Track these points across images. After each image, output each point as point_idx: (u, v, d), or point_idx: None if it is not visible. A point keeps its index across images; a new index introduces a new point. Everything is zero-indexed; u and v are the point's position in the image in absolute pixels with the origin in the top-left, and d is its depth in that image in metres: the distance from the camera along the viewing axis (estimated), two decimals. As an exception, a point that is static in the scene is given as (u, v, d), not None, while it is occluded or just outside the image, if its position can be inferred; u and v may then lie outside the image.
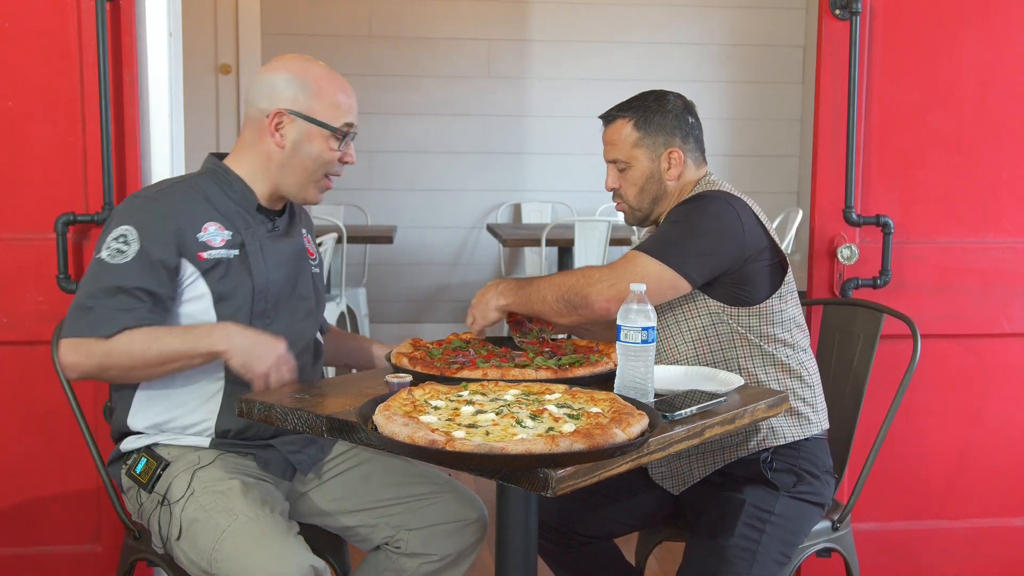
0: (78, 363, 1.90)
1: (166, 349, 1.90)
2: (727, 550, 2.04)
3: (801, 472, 2.14)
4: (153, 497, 2.00)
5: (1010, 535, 2.96)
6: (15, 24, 2.49)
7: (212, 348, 1.91)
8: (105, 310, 1.90)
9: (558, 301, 2.05)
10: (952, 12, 2.76)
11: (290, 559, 1.82)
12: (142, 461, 2.03)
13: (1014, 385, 2.91)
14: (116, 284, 1.91)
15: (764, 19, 6.15)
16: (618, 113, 2.25)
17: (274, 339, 1.95)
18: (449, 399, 1.73)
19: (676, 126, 2.23)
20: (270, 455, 2.07)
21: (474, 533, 2.15)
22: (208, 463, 1.99)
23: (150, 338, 1.90)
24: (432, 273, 6.23)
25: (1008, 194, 2.83)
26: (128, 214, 1.98)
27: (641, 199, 2.24)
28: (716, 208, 2.11)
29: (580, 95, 6.14)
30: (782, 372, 2.15)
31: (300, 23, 5.92)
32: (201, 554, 1.88)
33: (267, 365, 1.91)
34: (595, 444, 1.48)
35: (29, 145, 2.52)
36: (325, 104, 2.05)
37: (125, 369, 1.91)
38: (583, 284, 2.03)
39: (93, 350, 1.89)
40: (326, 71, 2.08)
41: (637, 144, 2.21)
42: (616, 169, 2.25)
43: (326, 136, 2.05)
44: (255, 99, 2.06)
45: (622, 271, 2.04)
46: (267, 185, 2.08)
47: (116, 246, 1.94)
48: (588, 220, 4.92)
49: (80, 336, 1.90)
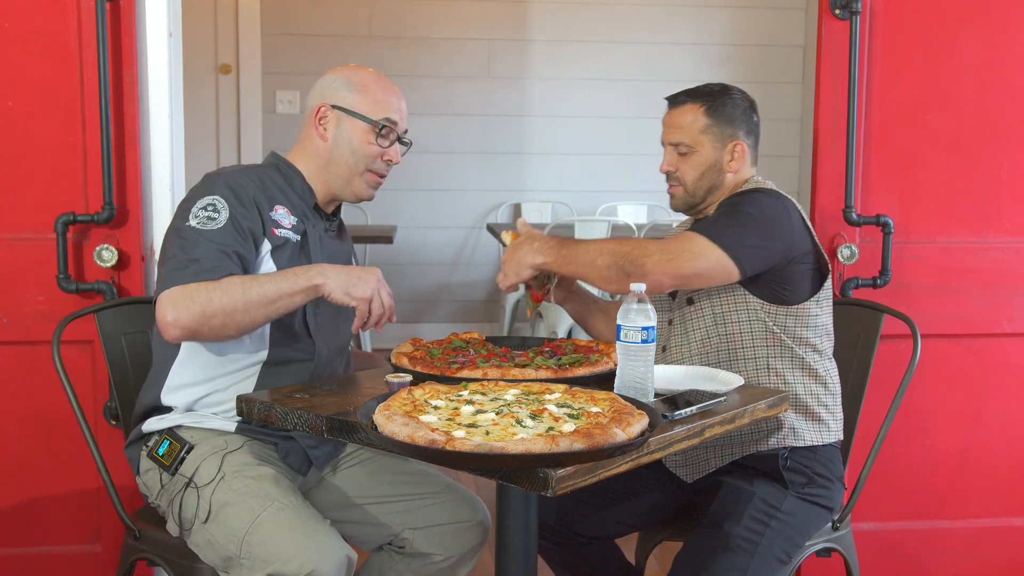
0: (178, 317, 1.88)
1: (267, 288, 1.92)
2: (731, 538, 2.04)
3: (813, 475, 2.16)
4: (177, 479, 2.00)
5: (1010, 535, 2.96)
6: (15, 24, 2.48)
7: (311, 282, 1.94)
8: (207, 260, 1.92)
9: (610, 267, 2.04)
10: (952, 12, 2.76)
11: (328, 547, 1.83)
12: (165, 443, 2.03)
13: (1014, 385, 2.91)
14: (212, 245, 1.94)
15: (764, 19, 6.15)
16: (688, 98, 2.25)
17: (370, 269, 1.99)
18: (449, 399, 1.73)
19: (743, 120, 2.26)
20: (290, 446, 2.08)
21: (477, 535, 2.15)
22: (236, 448, 2.00)
23: (248, 280, 1.93)
24: (432, 273, 6.23)
25: (1008, 194, 2.83)
26: (212, 186, 2.03)
27: (698, 185, 2.25)
28: (770, 204, 2.14)
29: (580, 95, 6.14)
30: (808, 377, 2.17)
31: (300, 23, 5.91)
32: (231, 537, 1.87)
33: (369, 290, 1.95)
34: (595, 444, 1.48)
35: (29, 145, 2.52)
36: (368, 100, 2.13)
37: (227, 313, 1.90)
38: (640, 254, 2.03)
39: (194, 299, 1.88)
40: (376, 75, 2.18)
41: (705, 131, 2.22)
42: (676, 152, 2.25)
43: (365, 129, 2.12)
44: (309, 98, 2.18)
45: (679, 248, 2.05)
46: (321, 184, 2.16)
47: (206, 214, 1.98)
48: (588, 220, 4.92)
49: (184, 283, 1.89)
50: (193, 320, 1.89)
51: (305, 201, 2.15)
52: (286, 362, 2.07)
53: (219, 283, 1.90)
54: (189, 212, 1.99)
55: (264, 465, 1.98)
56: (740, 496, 2.10)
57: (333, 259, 2.15)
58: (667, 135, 2.27)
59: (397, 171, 2.20)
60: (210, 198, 2.00)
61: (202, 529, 1.93)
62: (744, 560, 2.02)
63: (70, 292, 2.52)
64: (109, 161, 2.50)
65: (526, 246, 2.14)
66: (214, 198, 2.00)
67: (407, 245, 6.10)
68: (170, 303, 1.89)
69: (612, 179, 6.23)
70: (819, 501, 2.16)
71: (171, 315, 1.89)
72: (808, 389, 2.17)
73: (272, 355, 2.05)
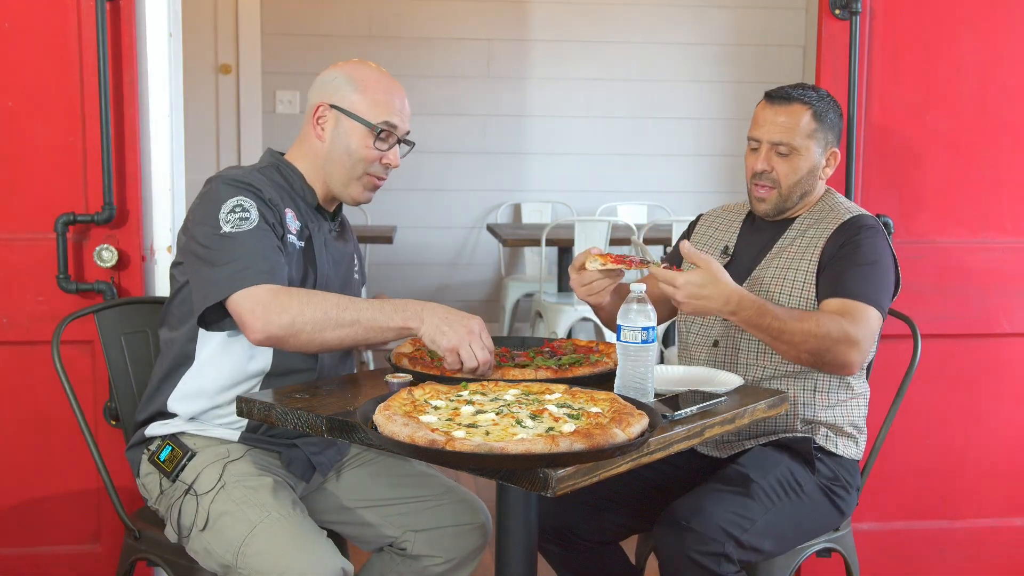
0: (268, 323, 1.83)
1: (364, 314, 1.86)
2: (752, 485, 2.04)
3: (838, 475, 2.19)
4: (177, 486, 1.99)
5: (1010, 535, 2.96)
6: (15, 24, 2.48)
7: (406, 323, 1.87)
8: (265, 261, 1.87)
9: (811, 354, 2.02)
10: (952, 12, 2.76)
11: (323, 560, 1.82)
12: (167, 449, 2.02)
13: (1014, 385, 2.91)
14: (261, 244, 1.89)
15: (764, 19, 6.15)
16: (798, 96, 2.19)
17: (468, 317, 1.88)
18: (449, 399, 1.73)
19: (838, 126, 2.24)
20: (294, 454, 2.07)
21: (478, 538, 2.15)
22: (238, 457, 2.00)
23: (345, 301, 1.87)
24: (432, 273, 6.22)
25: (1008, 194, 2.83)
26: (231, 189, 1.95)
27: (795, 188, 2.21)
28: (883, 243, 2.17)
29: (580, 95, 6.14)
30: (847, 393, 2.22)
31: (300, 23, 5.91)
32: (227, 546, 1.87)
33: (454, 341, 1.84)
34: (595, 444, 1.48)
35: (29, 145, 2.52)
36: (367, 101, 2.06)
37: (315, 329, 1.84)
38: (843, 351, 2.01)
39: (286, 307, 1.83)
40: (378, 72, 2.10)
41: (812, 135, 2.18)
42: (775, 152, 2.19)
43: (363, 132, 2.05)
44: (309, 95, 2.11)
45: (867, 332, 2.06)
46: (320, 184, 2.11)
47: (236, 216, 1.91)
48: (588, 220, 4.92)
49: (257, 284, 1.84)
50: (282, 329, 1.84)
51: (307, 202, 2.10)
52: (288, 372, 2.04)
53: (311, 295, 1.85)
54: (218, 218, 1.91)
55: (265, 475, 1.96)
56: (768, 459, 2.13)
57: (337, 262, 2.12)
58: (768, 132, 2.19)
59: (397, 171, 2.17)
60: (235, 200, 1.93)
61: (200, 537, 1.92)
62: (757, 511, 2.02)
63: (70, 292, 2.52)
64: (109, 161, 2.50)
65: (716, 301, 1.96)
66: (239, 199, 1.93)
67: (407, 245, 6.10)
68: (256, 308, 1.83)
69: (612, 179, 6.23)
70: (836, 501, 2.18)
71: (260, 320, 1.83)
72: (848, 408, 2.22)
73: (275, 365, 2.03)
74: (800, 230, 2.26)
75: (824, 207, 2.28)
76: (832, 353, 2.02)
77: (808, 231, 2.24)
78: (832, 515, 2.19)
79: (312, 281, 2.04)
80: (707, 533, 1.94)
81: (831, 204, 2.28)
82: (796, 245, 2.24)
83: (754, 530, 2.00)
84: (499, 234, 5.29)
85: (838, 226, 2.20)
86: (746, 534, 1.98)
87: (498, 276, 6.22)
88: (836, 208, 2.26)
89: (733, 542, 1.96)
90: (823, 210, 2.27)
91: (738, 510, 1.99)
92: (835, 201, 2.29)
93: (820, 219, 2.25)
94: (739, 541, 1.97)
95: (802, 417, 2.20)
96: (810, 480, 2.14)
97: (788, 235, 2.27)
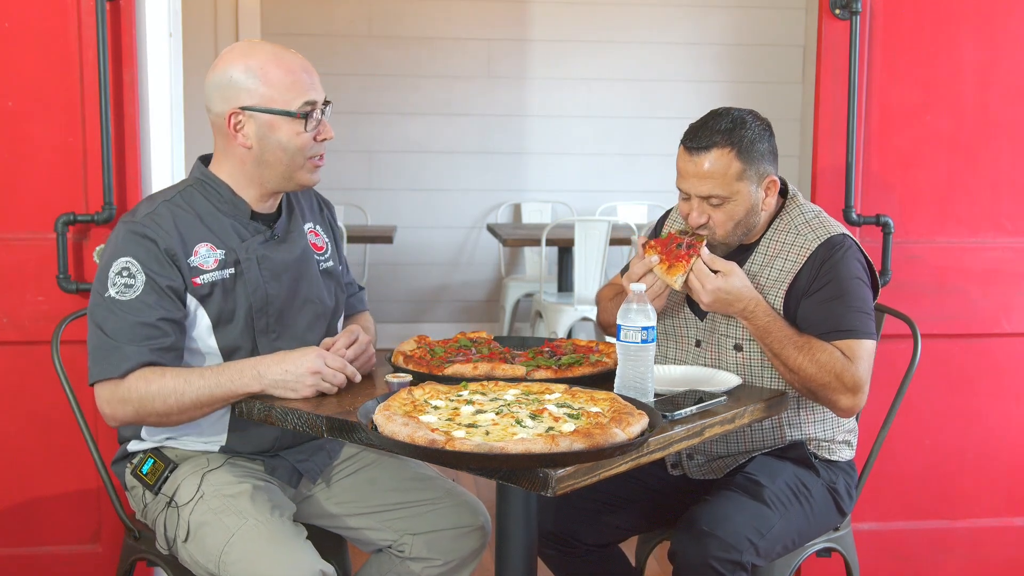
0: (115, 413, 1.90)
1: (202, 394, 1.87)
2: (765, 491, 2.02)
3: (838, 476, 2.19)
4: (160, 499, 2.00)
5: (1010, 535, 2.96)
6: (15, 24, 2.48)
7: (246, 390, 1.88)
8: (130, 343, 1.86)
9: (804, 382, 1.97)
10: (952, 12, 2.76)
11: (300, 563, 1.82)
12: (149, 462, 2.02)
13: (1014, 385, 2.91)
14: (136, 320, 1.87)
15: (764, 19, 6.15)
16: (717, 141, 2.00)
17: (302, 355, 1.88)
18: (449, 399, 1.73)
19: (769, 150, 2.05)
20: (277, 462, 2.07)
21: (477, 540, 2.14)
22: (217, 466, 1.99)
23: (182, 383, 1.87)
24: (432, 273, 6.23)
25: (1008, 194, 2.83)
26: (123, 246, 1.90)
27: (734, 233, 2.06)
28: (854, 261, 2.06)
29: (580, 95, 6.14)
30: None
31: (300, 23, 5.91)
32: (209, 556, 1.88)
33: (307, 389, 1.86)
34: (595, 444, 1.48)
35: (29, 145, 2.52)
36: (277, 89, 1.92)
37: (161, 416, 1.89)
38: (836, 390, 1.96)
39: (128, 398, 1.87)
40: (271, 54, 1.94)
41: (741, 176, 2.00)
42: (707, 203, 2.02)
43: (288, 123, 1.93)
44: (211, 105, 1.96)
45: (865, 370, 1.98)
46: (253, 188, 2.00)
47: (122, 281, 1.88)
48: (588, 220, 4.92)
49: (108, 377, 1.87)
50: (129, 417, 1.90)
51: (236, 218, 1.99)
52: None
53: (151, 383, 1.85)
54: (107, 277, 1.89)
55: (243, 482, 1.96)
56: (774, 465, 2.11)
57: (279, 274, 2.00)
58: (694, 187, 2.02)
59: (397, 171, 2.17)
60: (122, 262, 1.89)
61: (184, 548, 1.93)
62: (773, 517, 2.00)
63: (70, 292, 2.52)
64: (109, 161, 2.50)
65: (735, 304, 1.97)
66: (126, 261, 1.88)
67: (407, 245, 6.10)
68: (104, 400, 1.89)
69: (612, 179, 6.23)
70: (839, 502, 2.18)
71: (106, 410, 1.90)
72: (837, 422, 2.20)
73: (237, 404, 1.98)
74: (768, 255, 2.11)
75: (788, 225, 2.12)
76: (827, 389, 1.98)
77: (776, 260, 2.10)
78: (834, 516, 2.20)
79: (246, 311, 1.96)
80: (730, 540, 1.93)
81: (795, 223, 2.11)
82: (765, 275, 2.10)
83: (770, 536, 2.00)
84: (499, 234, 5.29)
85: (807, 258, 2.06)
86: (763, 540, 1.98)
87: (498, 276, 6.22)
88: (800, 229, 2.10)
89: (753, 549, 1.95)
90: (787, 229, 2.12)
91: (757, 516, 1.99)
92: (797, 217, 2.12)
93: (786, 245, 2.10)
94: (758, 548, 1.96)
95: (790, 438, 2.17)
96: (816, 483, 2.14)
97: (756, 259, 2.13)
